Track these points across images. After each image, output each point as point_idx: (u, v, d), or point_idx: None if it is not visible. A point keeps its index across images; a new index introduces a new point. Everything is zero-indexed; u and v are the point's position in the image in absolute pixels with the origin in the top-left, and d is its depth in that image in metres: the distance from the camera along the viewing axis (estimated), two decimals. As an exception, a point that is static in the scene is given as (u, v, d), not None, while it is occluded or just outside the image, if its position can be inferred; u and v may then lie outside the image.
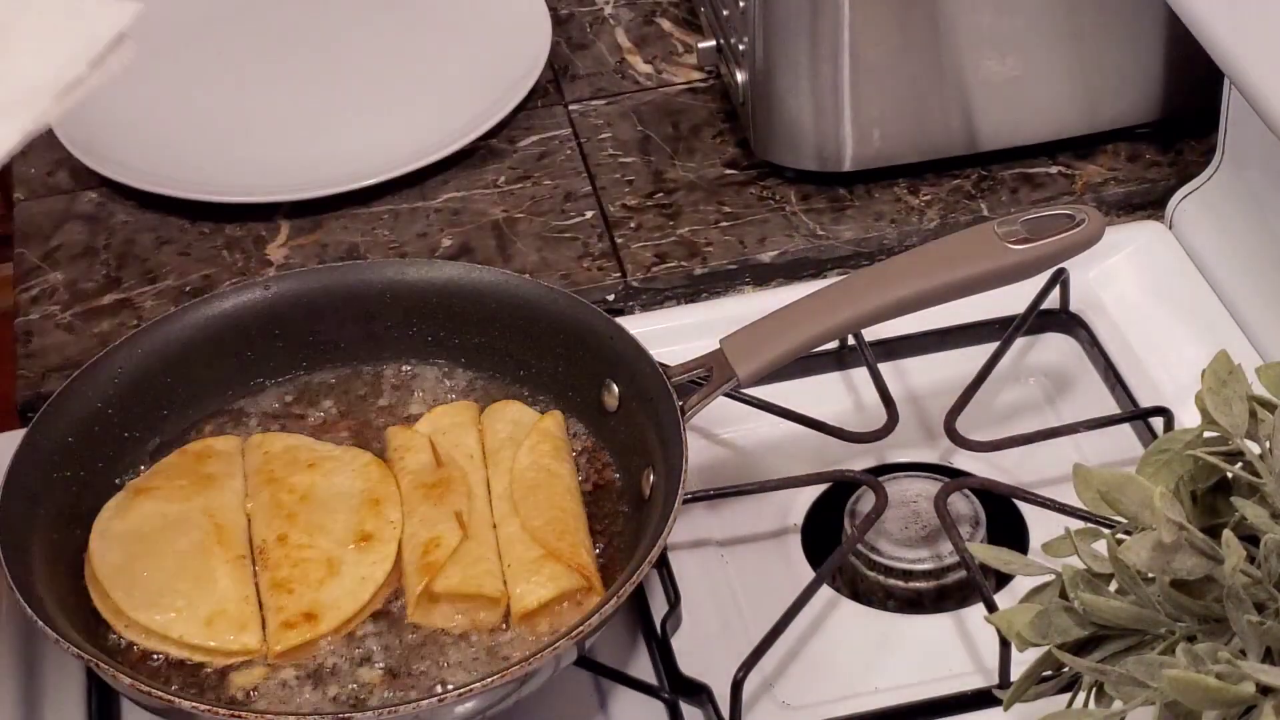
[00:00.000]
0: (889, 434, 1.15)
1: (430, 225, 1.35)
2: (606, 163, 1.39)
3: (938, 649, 1.06)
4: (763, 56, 1.31)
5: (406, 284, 1.16)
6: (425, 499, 1.07)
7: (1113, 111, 1.35)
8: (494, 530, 1.06)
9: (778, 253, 1.31)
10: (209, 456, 1.11)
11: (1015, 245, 1.11)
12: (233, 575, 1.04)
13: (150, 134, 1.42)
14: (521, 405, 1.13)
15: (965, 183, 1.35)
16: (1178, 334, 1.22)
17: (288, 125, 1.43)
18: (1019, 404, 1.21)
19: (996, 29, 1.29)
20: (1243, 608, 0.84)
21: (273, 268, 1.32)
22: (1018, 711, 0.93)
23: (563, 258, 1.31)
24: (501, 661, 1.00)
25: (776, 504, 1.15)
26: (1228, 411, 0.91)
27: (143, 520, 1.06)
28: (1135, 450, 1.15)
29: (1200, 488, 0.92)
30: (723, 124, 1.42)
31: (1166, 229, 1.29)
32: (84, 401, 1.10)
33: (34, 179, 1.42)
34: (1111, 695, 0.87)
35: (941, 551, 1.09)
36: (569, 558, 1.03)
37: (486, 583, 1.03)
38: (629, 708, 1.04)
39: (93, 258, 1.34)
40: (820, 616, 1.08)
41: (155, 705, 0.96)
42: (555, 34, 1.48)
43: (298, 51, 1.51)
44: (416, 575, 1.03)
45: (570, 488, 1.08)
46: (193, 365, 1.14)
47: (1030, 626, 0.89)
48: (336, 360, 1.16)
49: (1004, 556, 0.94)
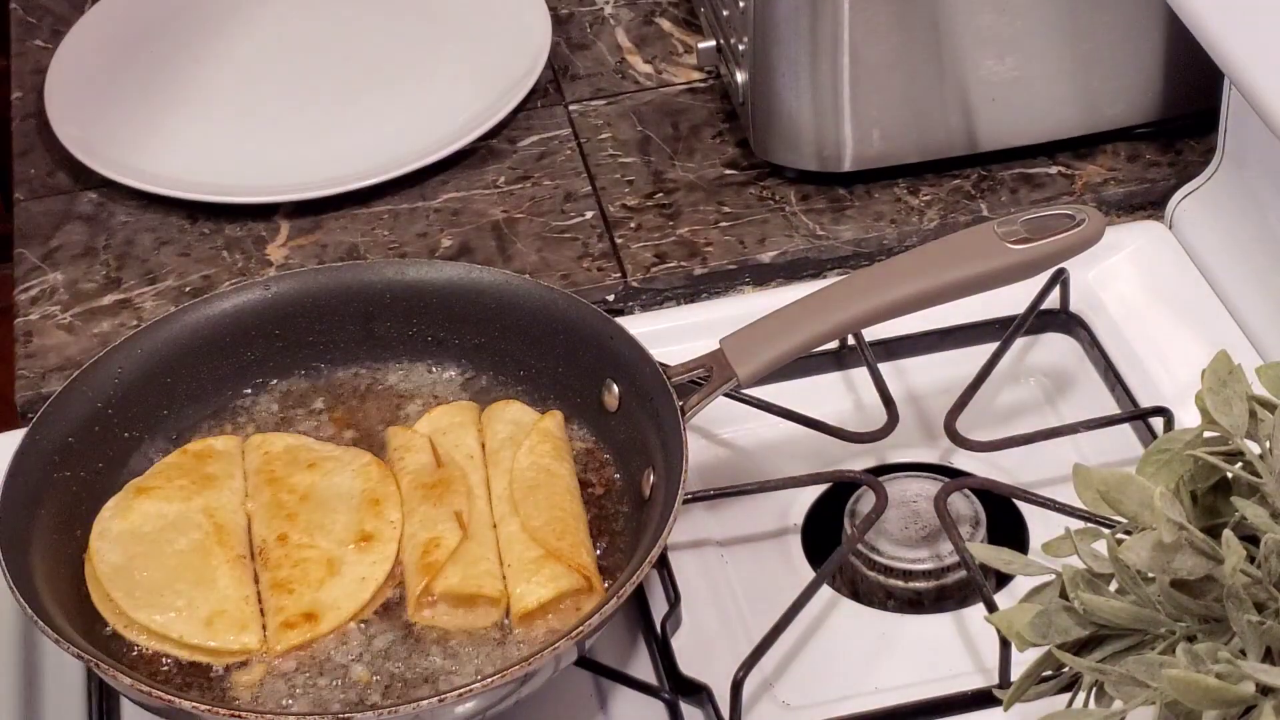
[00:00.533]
0: (889, 434, 1.15)
1: (430, 225, 1.35)
2: (606, 163, 1.39)
3: (938, 649, 1.06)
4: (763, 56, 1.31)
5: (406, 284, 1.16)
6: (425, 499, 1.07)
7: (1113, 111, 1.35)
8: (494, 530, 1.06)
9: (778, 253, 1.31)
10: (209, 456, 1.11)
11: (1015, 245, 1.11)
12: (233, 575, 1.04)
13: (150, 134, 1.42)
14: (521, 405, 1.13)
15: (965, 183, 1.35)
16: (1178, 334, 1.22)
17: (288, 125, 1.43)
18: (1019, 404, 1.21)
19: (996, 29, 1.29)
20: (1243, 608, 0.84)
21: (273, 268, 1.32)
22: (1018, 711, 0.93)
23: (563, 258, 1.31)
24: (502, 661, 1.00)
25: (776, 504, 1.15)
26: (1228, 411, 0.91)
27: (143, 520, 1.06)
28: (1135, 450, 1.15)
29: (1200, 488, 0.92)
30: (723, 124, 1.42)
31: (1166, 229, 1.29)
32: (84, 401, 1.10)
33: (34, 179, 1.42)
34: (1111, 695, 0.87)
35: (941, 551, 1.09)
36: (569, 558, 1.03)
37: (486, 583, 1.03)
38: (629, 708, 1.04)
39: (93, 258, 1.34)
40: (820, 616, 1.08)
41: (155, 705, 0.96)
42: (555, 34, 1.49)
43: (298, 52, 1.51)
44: (416, 575, 1.03)
45: (570, 488, 1.07)
46: (193, 365, 1.14)
47: (1030, 626, 0.89)
48: (336, 360, 1.16)
49: (1004, 556, 0.94)
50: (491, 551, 1.05)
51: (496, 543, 1.05)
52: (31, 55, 1.53)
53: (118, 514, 1.07)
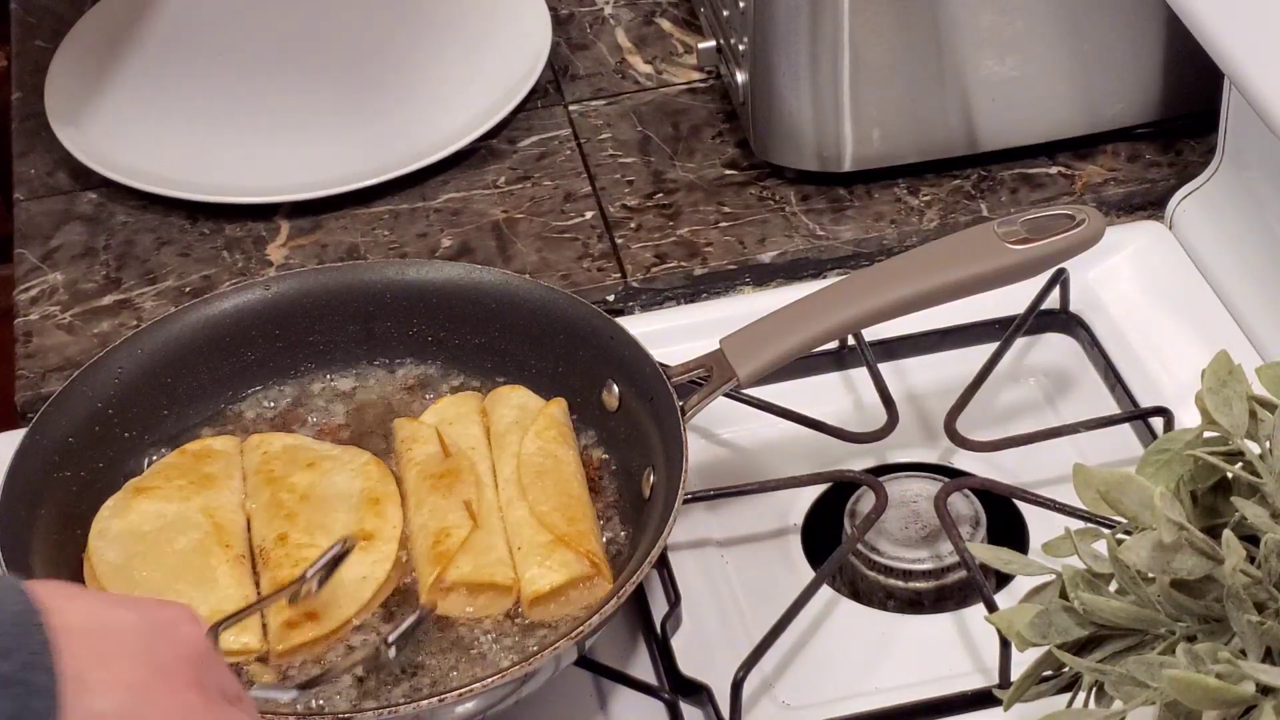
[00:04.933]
0: (889, 434, 1.15)
1: (430, 225, 1.35)
2: (606, 163, 1.39)
3: (938, 649, 1.06)
4: (763, 56, 1.31)
5: (406, 284, 1.16)
6: (434, 490, 1.07)
7: (1113, 111, 1.35)
8: (501, 516, 1.06)
9: (778, 253, 1.31)
10: (208, 456, 1.11)
11: (1015, 245, 1.11)
12: (233, 575, 1.04)
13: (150, 134, 1.42)
14: (526, 390, 1.13)
15: (965, 183, 1.35)
16: (1178, 334, 1.22)
17: (288, 125, 1.43)
18: (1019, 404, 1.21)
19: (996, 29, 1.29)
20: (1243, 608, 0.84)
21: (273, 268, 1.32)
22: (1018, 711, 0.93)
23: (563, 258, 1.31)
24: (502, 661, 1.00)
25: (776, 504, 1.15)
26: (1228, 411, 0.91)
27: (142, 520, 1.06)
28: (1135, 450, 1.15)
29: (1200, 488, 0.92)
30: (723, 124, 1.42)
31: (1166, 229, 1.29)
32: (84, 401, 1.10)
33: (34, 179, 1.42)
34: (1111, 695, 0.87)
35: (941, 551, 1.09)
36: (578, 544, 1.03)
37: (498, 571, 1.03)
38: (629, 708, 1.04)
39: (93, 258, 1.34)
40: (820, 616, 1.08)
41: (155, 705, 0.96)
42: (555, 34, 1.48)
43: (298, 52, 1.51)
44: (428, 565, 1.03)
45: (576, 474, 1.08)
46: (193, 365, 1.14)
47: (1030, 626, 0.89)
48: (336, 360, 1.16)
49: (1004, 556, 0.94)
50: (501, 540, 1.05)
51: (505, 529, 1.05)
52: (31, 55, 1.53)
53: (117, 513, 1.07)
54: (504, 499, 1.07)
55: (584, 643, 0.98)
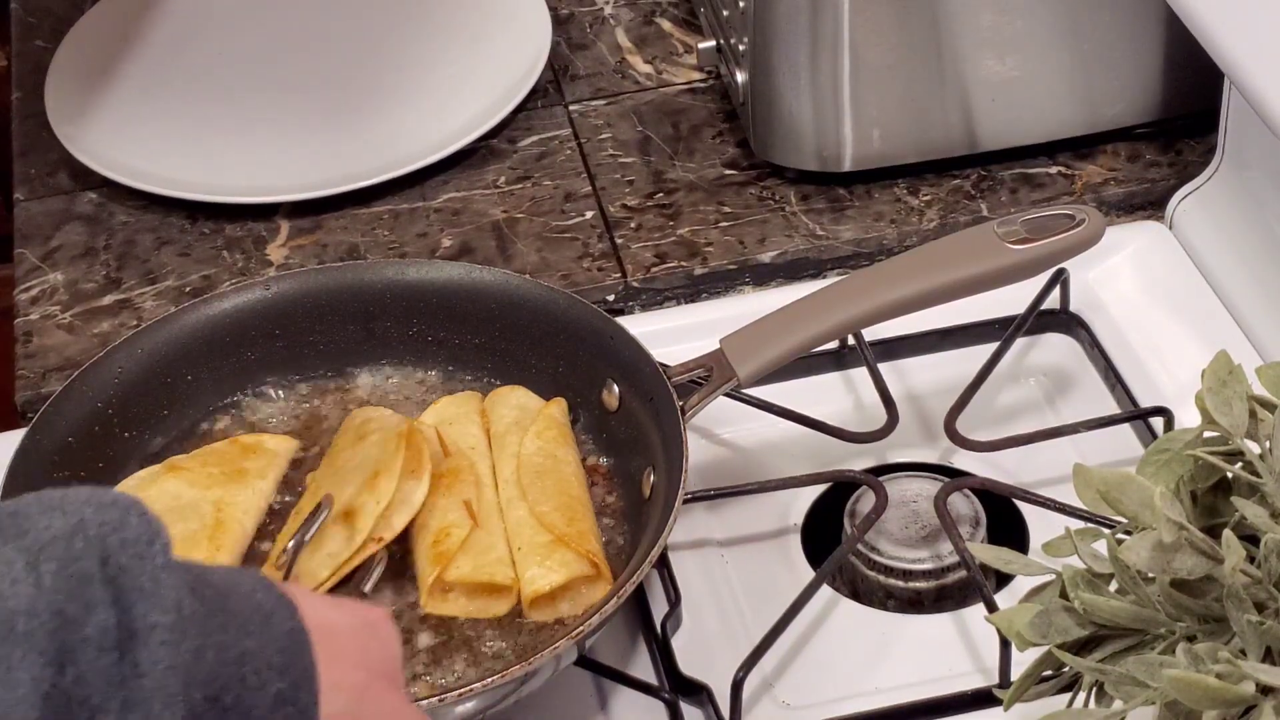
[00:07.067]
0: (889, 434, 1.15)
1: (430, 225, 1.35)
2: (606, 163, 1.39)
3: (938, 649, 1.06)
4: (763, 56, 1.31)
5: (406, 284, 1.16)
6: (434, 489, 1.06)
7: (1113, 111, 1.35)
8: (501, 516, 1.06)
9: (778, 253, 1.31)
10: (255, 452, 1.10)
11: (1015, 245, 1.11)
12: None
13: (150, 134, 1.42)
14: (526, 390, 1.13)
15: (965, 183, 1.35)
16: (1178, 334, 1.22)
17: (288, 125, 1.43)
18: (1019, 404, 1.21)
19: (996, 29, 1.29)
20: (1243, 608, 0.84)
21: (273, 268, 1.32)
22: (1018, 711, 0.93)
23: (563, 258, 1.31)
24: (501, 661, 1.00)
25: (776, 504, 1.15)
26: (1228, 411, 0.91)
27: (159, 496, 1.05)
28: (1135, 450, 1.15)
29: (1200, 488, 0.92)
30: (723, 124, 1.42)
31: (1166, 229, 1.29)
32: (84, 401, 1.10)
33: (34, 179, 1.42)
34: (1111, 695, 0.87)
35: (941, 551, 1.09)
36: (578, 544, 1.03)
37: (498, 571, 1.03)
38: (629, 708, 1.04)
39: (93, 258, 1.34)
40: (820, 616, 1.08)
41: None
42: (555, 34, 1.49)
43: (298, 52, 1.51)
44: (429, 565, 1.03)
45: (576, 474, 1.08)
46: (193, 365, 1.14)
47: (1030, 626, 0.89)
48: (337, 360, 1.16)
49: (1004, 556, 0.94)
50: (501, 539, 1.05)
51: (505, 529, 1.05)
52: (31, 55, 1.53)
53: (141, 485, 1.06)
54: (504, 499, 1.07)
55: (584, 642, 0.98)
